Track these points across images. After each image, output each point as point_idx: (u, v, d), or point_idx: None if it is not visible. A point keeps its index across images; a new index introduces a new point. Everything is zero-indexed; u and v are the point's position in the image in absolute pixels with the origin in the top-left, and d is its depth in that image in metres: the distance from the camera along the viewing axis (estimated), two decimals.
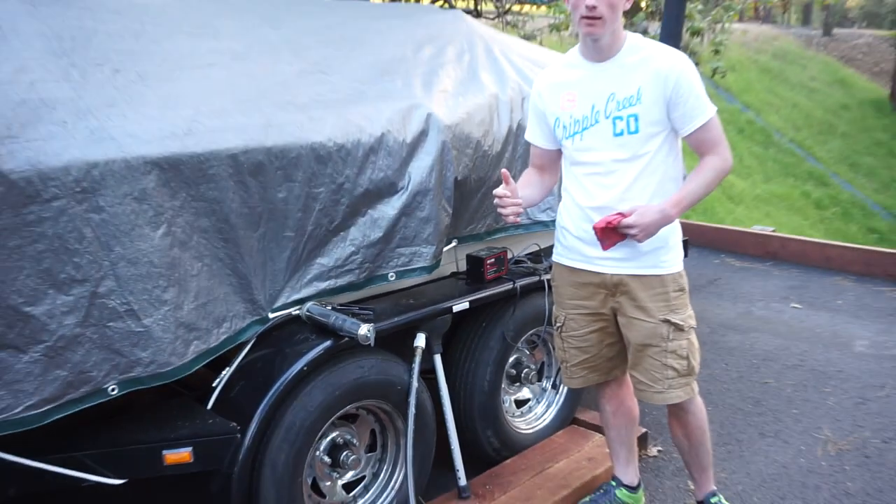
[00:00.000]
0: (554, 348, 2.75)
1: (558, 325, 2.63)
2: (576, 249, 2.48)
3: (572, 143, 2.41)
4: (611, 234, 2.26)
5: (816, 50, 26.94)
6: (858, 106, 22.60)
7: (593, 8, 2.17)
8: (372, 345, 2.35)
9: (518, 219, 2.36)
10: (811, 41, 27.95)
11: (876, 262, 5.68)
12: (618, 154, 2.33)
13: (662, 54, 2.30)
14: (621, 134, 2.31)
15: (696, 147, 2.35)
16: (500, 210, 2.32)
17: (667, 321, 2.39)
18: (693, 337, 2.47)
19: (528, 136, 2.62)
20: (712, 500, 2.68)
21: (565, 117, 2.41)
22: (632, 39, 2.35)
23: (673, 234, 2.41)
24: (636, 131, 2.29)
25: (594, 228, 2.27)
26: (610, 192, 2.34)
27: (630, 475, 2.81)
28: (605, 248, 2.30)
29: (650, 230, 2.24)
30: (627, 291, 2.41)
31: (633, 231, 2.23)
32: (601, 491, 2.83)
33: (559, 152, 2.53)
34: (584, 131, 2.37)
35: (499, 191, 2.30)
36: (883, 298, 5.16)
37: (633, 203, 2.29)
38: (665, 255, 2.39)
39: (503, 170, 2.34)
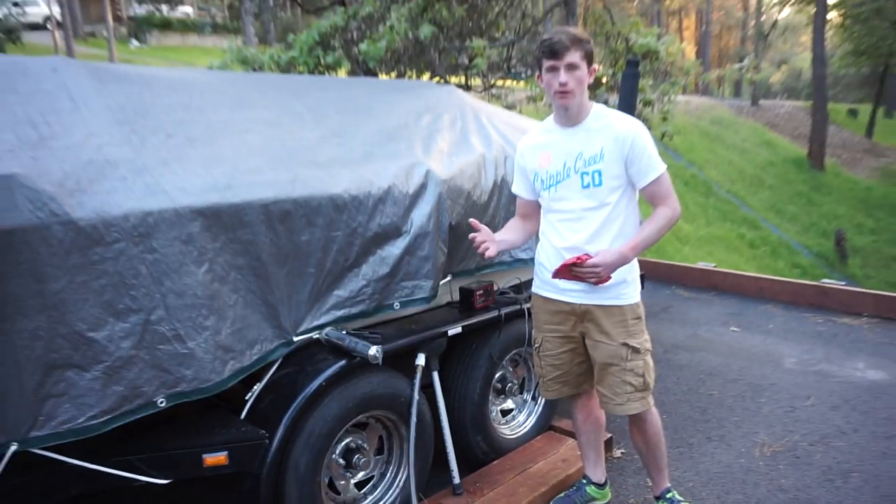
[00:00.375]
0: (533, 366, 2.75)
1: (536, 346, 2.64)
2: (551, 283, 2.48)
3: (548, 194, 2.45)
4: (566, 271, 2.31)
5: (746, 117, 27.32)
6: (782, 163, 22.87)
7: (565, 84, 2.25)
8: (380, 364, 2.35)
9: (491, 253, 2.39)
10: (742, 110, 28.37)
11: (800, 292, 5.70)
12: (585, 203, 2.37)
13: (622, 121, 2.36)
14: (588, 186, 2.35)
15: (649, 198, 2.39)
16: (477, 249, 2.39)
17: (626, 344, 2.41)
18: (648, 358, 2.48)
19: (514, 189, 2.66)
20: (667, 496, 2.66)
21: (542, 173, 2.45)
22: (596, 108, 2.40)
23: (631, 272, 2.44)
24: (600, 184, 2.34)
25: (563, 265, 2.30)
26: (579, 235, 2.38)
27: (598, 474, 2.80)
28: (553, 276, 2.35)
29: (611, 268, 2.29)
30: (593, 319, 2.44)
31: (596, 269, 2.27)
32: (573, 488, 2.82)
33: (539, 203, 2.56)
34: (557, 184, 2.41)
35: (472, 235, 2.41)
36: (807, 323, 5.18)
37: (599, 243, 2.34)
38: (625, 289, 2.42)
39: (471, 219, 2.46)
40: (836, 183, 22.30)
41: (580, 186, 2.37)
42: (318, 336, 2.45)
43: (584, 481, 2.81)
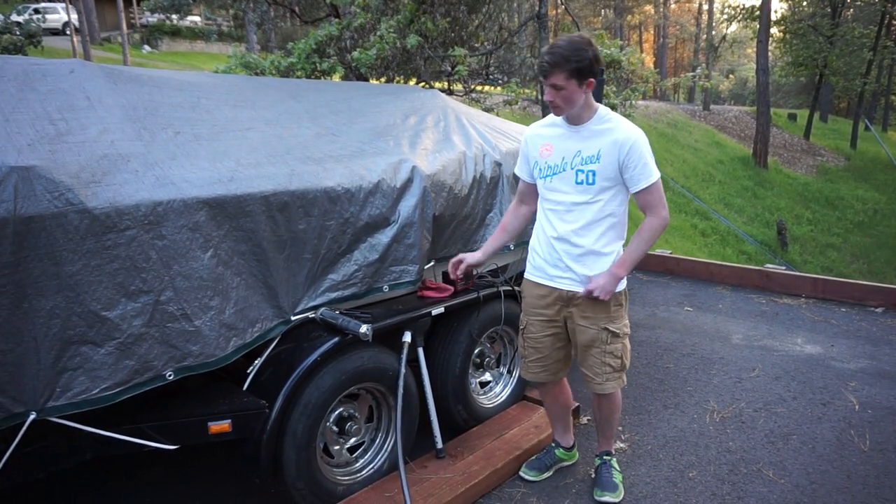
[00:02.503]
0: (515, 345, 2.71)
1: (522, 327, 2.59)
2: (541, 269, 2.44)
3: (544, 184, 2.40)
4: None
5: (699, 120, 27.47)
6: (730, 161, 23.05)
7: (551, 101, 2.23)
8: (370, 340, 2.33)
9: (471, 261, 2.56)
10: (695, 114, 28.51)
11: (746, 276, 5.75)
12: (577, 198, 2.31)
13: (623, 127, 2.26)
14: (581, 183, 2.29)
15: (640, 204, 2.32)
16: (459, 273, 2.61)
17: (606, 329, 2.38)
18: (627, 341, 2.45)
19: (517, 170, 2.58)
20: (605, 457, 2.68)
21: (542, 162, 2.39)
22: (602, 111, 2.31)
23: (614, 262, 2.37)
24: (593, 183, 2.27)
25: None
26: (568, 227, 2.33)
27: (566, 440, 2.81)
28: None
29: (608, 289, 2.29)
30: (578, 304, 2.39)
31: (595, 294, 2.28)
32: (544, 451, 2.82)
33: (536, 188, 2.50)
34: (553, 175, 2.35)
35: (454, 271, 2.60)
36: (752, 303, 5.22)
37: (588, 236, 2.31)
38: None
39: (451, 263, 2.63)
40: (777, 179, 22.53)
41: (574, 182, 2.30)
42: (313, 315, 2.43)
43: (553, 445, 2.82)
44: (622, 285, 2.40)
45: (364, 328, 2.30)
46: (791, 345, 4.28)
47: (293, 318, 2.36)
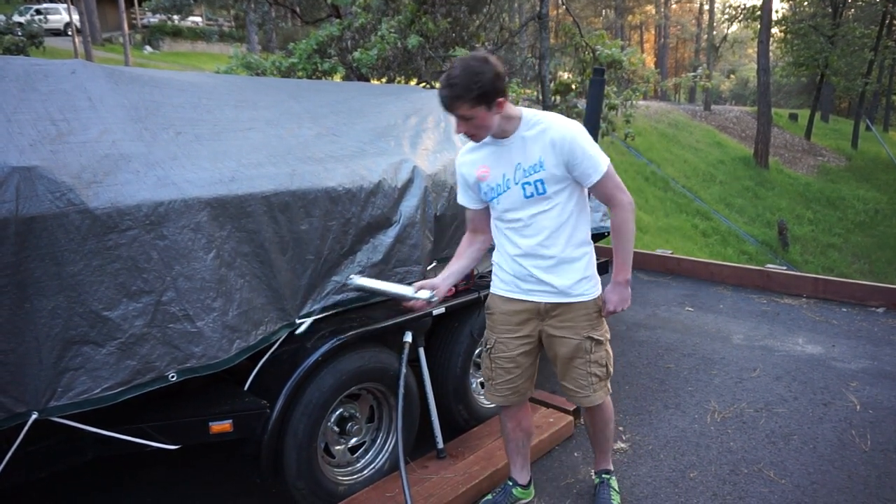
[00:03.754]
0: (482, 367, 2.46)
1: (489, 346, 2.35)
2: (512, 283, 2.25)
3: (493, 205, 2.23)
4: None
5: (700, 120, 27.46)
6: (731, 161, 23.03)
7: (465, 133, 2.06)
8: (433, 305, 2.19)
9: (438, 294, 2.22)
10: (696, 114, 28.49)
11: (746, 276, 5.75)
12: (531, 210, 2.14)
13: (556, 125, 2.08)
14: (531, 196, 2.12)
15: (599, 196, 2.18)
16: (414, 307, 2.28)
17: (589, 337, 2.24)
18: (609, 347, 2.32)
19: (460, 200, 2.35)
20: (603, 476, 2.57)
21: (484, 186, 2.21)
22: (527, 115, 2.13)
23: (589, 267, 2.24)
24: (544, 192, 2.11)
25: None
26: (531, 241, 2.16)
27: (523, 477, 2.55)
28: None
29: (625, 299, 2.23)
30: (557, 315, 2.23)
31: (618, 310, 2.22)
32: (500, 490, 2.56)
33: (486, 211, 2.30)
34: (500, 196, 2.17)
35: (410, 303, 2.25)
36: (752, 303, 5.22)
37: (555, 245, 2.15)
38: (587, 285, 2.22)
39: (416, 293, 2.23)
40: (778, 179, 22.50)
41: (523, 197, 2.12)
42: (352, 282, 2.42)
43: (510, 483, 2.55)
44: (598, 291, 2.27)
45: (427, 293, 2.17)
46: (792, 345, 4.28)
47: (297, 320, 2.34)
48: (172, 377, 1.93)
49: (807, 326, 4.63)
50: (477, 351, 3.10)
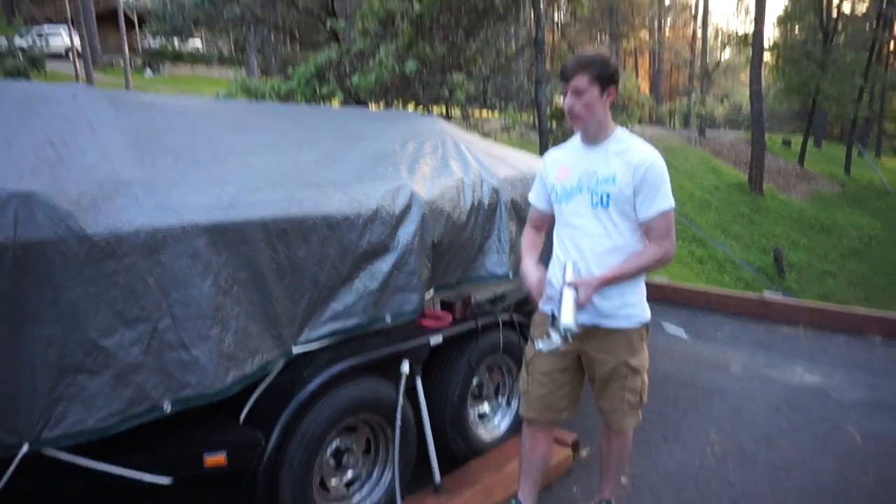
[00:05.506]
0: (517, 379, 2.48)
1: (527, 359, 2.41)
2: (557, 300, 2.21)
3: (560, 208, 2.31)
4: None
5: (694, 146, 27.71)
6: (726, 187, 23.19)
7: (570, 109, 2.15)
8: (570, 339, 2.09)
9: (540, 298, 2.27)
10: (690, 139, 28.77)
11: (744, 304, 5.76)
12: (593, 222, 2.20)
13: (640, 150, 2.17)
14: (596, 206, 2.19)
15: (645, 232, 2.21)
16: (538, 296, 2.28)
17: (627, 364, 2.25)
18: (645, 376, 2.33)
19: (531, 198, 2.48)
20: None
21: (558, 186, 2.30)
22: (619, 133, 2.23)
23: (634, 294, 2.25)
24: (607, 206, 2.17)
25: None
26: (585, 254, 2.21)
27: (530, 502, 2.52)
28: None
29: (588, 289, 2.11)
30: (597, 337, 2.26)
31: (572, 281, 2.12)
32: None
33: (551, 216, 2.40)
34: (569, 198, 2.26)
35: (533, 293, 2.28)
36: (750, 332, 5.22)
37: (602, 265, 2.17)
38: (630, 311, 2.24)
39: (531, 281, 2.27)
40: (773, 205, 22.65)
41: (590, 204, 2.20)
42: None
43: (515, 503, 2.53)
44: (648, 316, 2.29)
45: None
46: (790, 374, 4.27)
47: (295, 349, 2.31)
48: (167, 407, 1.90)
49: (805, 355, 4.62)
50: (475, 380, 3.08)
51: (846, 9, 29.20)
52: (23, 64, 13.84)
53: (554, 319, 2.13)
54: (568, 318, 2.03)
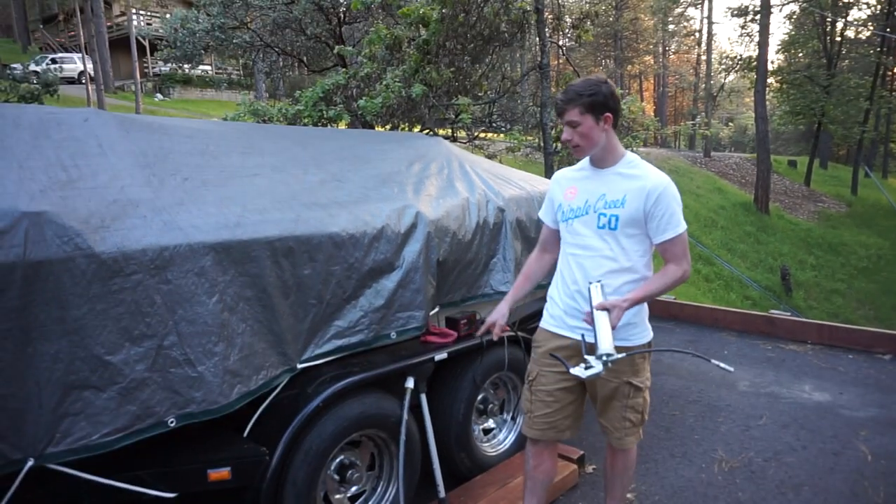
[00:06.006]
0: (520, 398, 2.45)
1: (531, 378, 2.38)
2: (559, 318, 2.30)
3: (566, 227, 2.30)
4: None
5: (700, 167, 27.75)
6: (732, 207, 23.15)
7: (569, 141, 2.17)
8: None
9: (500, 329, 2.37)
10: (696, 160, 28.82)
11: (751, 322, 5.72)
12: (599, 243, 2.20)
13: (652, 176, 2.17)
14: (603, 228, 2.19)
15: (662, 254, 2.23)
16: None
17: (629, 383, 2.25)
18: (647, 394, 2.31)
19: (541, 214, 2.49)
20: None
21: (565, 205, 2.30)
22: (630, 156, 2.23)
23: (637, 314, 2.25)
24: (615, 228, 2.17)
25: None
26: (590, 273, 2.20)
27: None
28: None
29: (618, 311, 2.04)
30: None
31: (605, 304, 2.06)
32: None
33: (559, 233, 2.39)
34: (575, 218, 2.26)
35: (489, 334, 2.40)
36: (758, 350, 5.18)
37: (609, 286, 2.16)
38: (633, 331, 2.24)
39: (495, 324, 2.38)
40: (779, 224, 22.58)
41: (596, 226, 2.20)
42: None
43: None
44: (649, 335, 2.30)
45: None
46: (799, 392, 4.22)
47: (299, 366, 2.32)
48: (172, 423, 1.91)
49: (813, 373, 4.57)
50: (480, 396, 3.07)
51: (850, 34, 29.33)
52: (37, 88, 14.14)
53: (587, 345, 2.07)
54: (607, 344, 1.97)
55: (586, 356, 2.01)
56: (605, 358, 1.95)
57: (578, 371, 2.00)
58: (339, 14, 9.24)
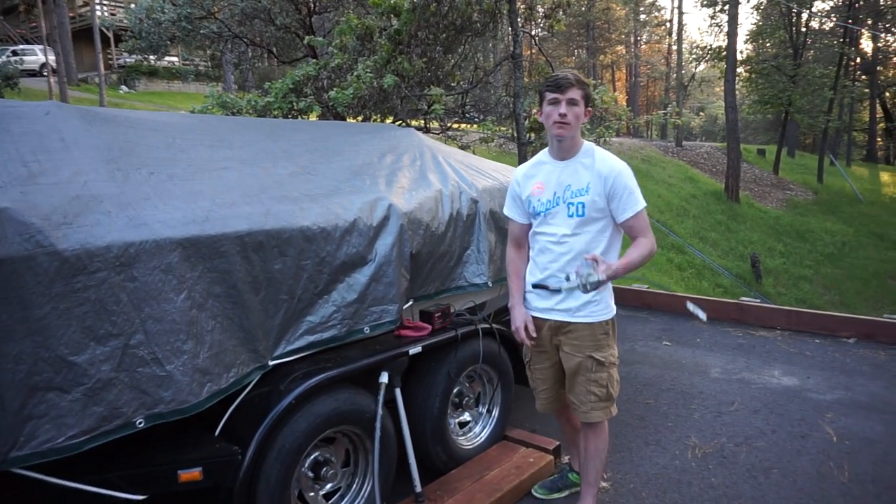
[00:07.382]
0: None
1: (526, 360, 2.68)
2: (529, 302, 2.55)
3: (538, 219, 2.48)
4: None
5: (672, 156, 28.08)
6: (703, 196, 23.49)
7: (564, 116, 2.32)
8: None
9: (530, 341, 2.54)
10: (668, 150, 29.15)
11: (722, 309, 5.82)
12: (568, 230, 2.39)
13: (608, 160, 2.39)
14: (573, 216, 2.38)
15: (627, 231, 2.42)
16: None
17: (591, 357, 2.43)
18: (613, 371, 2.49)
19: (507, 212, 2.63)
20: None
21: (535, 200, 2.48)
22: (587, 146, 2.45)
23: (599, 293, 2.40)
24: (583, 215, 2.37)
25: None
26: (560, 258, 2.41)
27: (577, 464, 2.85)
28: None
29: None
30: (566, 332, 2.47)
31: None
32: (557, 474, 2.93)
33: (529, 226, 2.56)
34: (547, 211, 2.44)
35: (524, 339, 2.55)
36: (729, 337, 5.27)
37: (573, 267, 2.33)
38: (594, 308, 2.43)
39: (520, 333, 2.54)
40: (749, 213, 22.99)
41: (566, 215, 2.40)
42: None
43: (567, 468, 2.92)
44: (610, 314, 2.47)
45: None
46: (768, 377, 4.32)
47: (271, 362, 2.29)
48: (140, 423, 1.87)
49: (782, 358, 4.68)
50: (455, 390, 3.07)
51: (814, 24, 29.91)
52: None
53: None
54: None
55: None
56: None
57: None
58: (309, 4, 9.11)
